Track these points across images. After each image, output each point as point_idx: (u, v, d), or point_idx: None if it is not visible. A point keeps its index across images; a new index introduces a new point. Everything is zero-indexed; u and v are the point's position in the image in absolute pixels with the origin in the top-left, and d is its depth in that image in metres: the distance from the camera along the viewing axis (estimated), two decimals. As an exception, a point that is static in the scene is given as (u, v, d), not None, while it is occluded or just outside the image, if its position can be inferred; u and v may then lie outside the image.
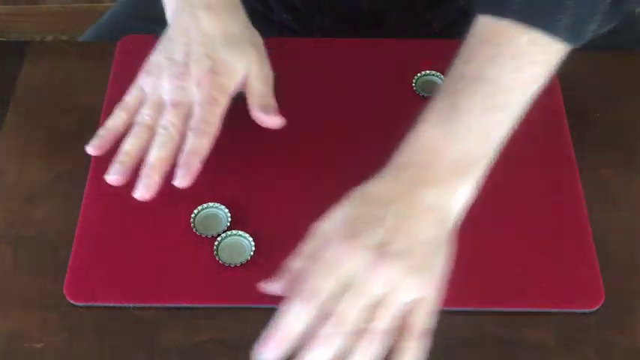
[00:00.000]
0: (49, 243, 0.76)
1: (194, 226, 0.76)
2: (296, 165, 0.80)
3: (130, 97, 0.79)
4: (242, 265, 0.73)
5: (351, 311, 0.64)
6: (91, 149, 0.76)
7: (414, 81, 0.87)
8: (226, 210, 0.77)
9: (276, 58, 0.84)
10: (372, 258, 0.65)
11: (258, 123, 0.79)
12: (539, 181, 0.79)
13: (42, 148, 0.83)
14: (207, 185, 0.79)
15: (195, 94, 0.77)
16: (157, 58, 0.80)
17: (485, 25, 0.71)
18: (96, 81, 0.88)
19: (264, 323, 0.71)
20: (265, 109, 0.79)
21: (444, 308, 0.72)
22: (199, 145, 0.74)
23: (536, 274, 0.73)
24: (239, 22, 0.82)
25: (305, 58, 0.89)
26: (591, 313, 0.72)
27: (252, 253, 0.74)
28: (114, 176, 0.73)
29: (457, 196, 0.68)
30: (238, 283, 0.72)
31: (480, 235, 0.75)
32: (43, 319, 0.71)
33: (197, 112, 0.76)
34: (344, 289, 0.65)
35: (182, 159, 0.74)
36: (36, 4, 1.96)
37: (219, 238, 0.75)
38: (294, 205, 0.77)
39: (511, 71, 0.69)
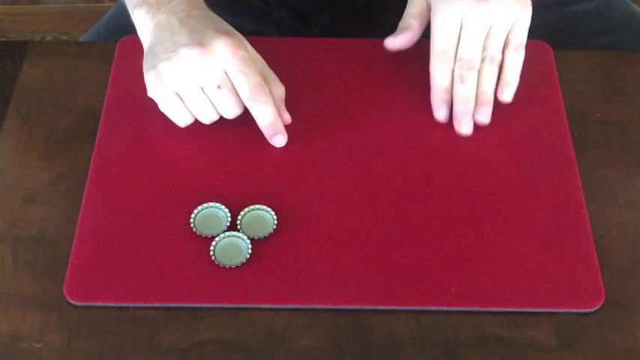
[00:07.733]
0: (49, 243, 0.76)
1: (194, 226, 0.76)
2: (296, 165, 0.80)
3: (171, 107, 0.79)
4: (240, 265, 0.73)
5: (473, 50, 0.78)
6: None
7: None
8: (226, 210, 0.77)
9: (276, 58, 0.84)
10: None
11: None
12: (539, 181, 0.79)
13: (42, 148, 0.83)
14: (207, 185, 0.79)
15: (224, 61, 0.76)
16: (157, 63, 0.77)
17: None
18: (96, 81, 0.88)
19: (264, 323, 0.71)
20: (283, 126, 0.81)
21: (444, 308, 0.72)
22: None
23: (536, 274, 0.73)
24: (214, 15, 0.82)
25: (305, 58, 0.89)
26: (591, 313, 0.72)
27: (249, 253, 0.74)
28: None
29: None
30: (238, 284, 0.72)
31: (480, 235, 0.75)
32: (43, 319, 0.71)
33: (241, 80, 0.77)
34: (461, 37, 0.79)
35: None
36: (36, 4, 1.96)
37: (213, 242, 0.74)
38: (294, 205, 0.77)
39: None
